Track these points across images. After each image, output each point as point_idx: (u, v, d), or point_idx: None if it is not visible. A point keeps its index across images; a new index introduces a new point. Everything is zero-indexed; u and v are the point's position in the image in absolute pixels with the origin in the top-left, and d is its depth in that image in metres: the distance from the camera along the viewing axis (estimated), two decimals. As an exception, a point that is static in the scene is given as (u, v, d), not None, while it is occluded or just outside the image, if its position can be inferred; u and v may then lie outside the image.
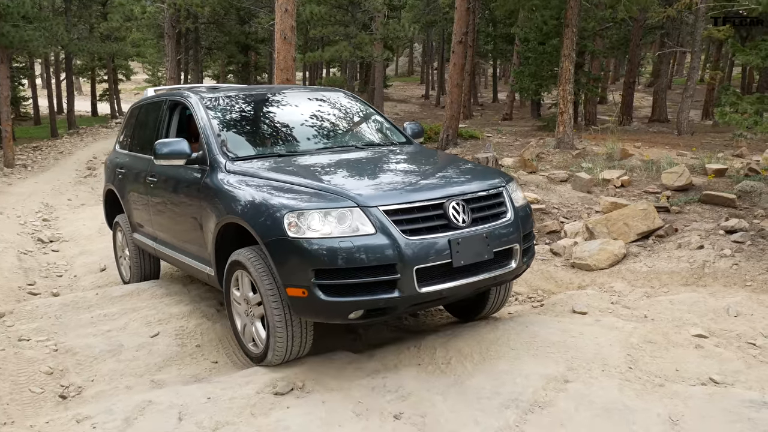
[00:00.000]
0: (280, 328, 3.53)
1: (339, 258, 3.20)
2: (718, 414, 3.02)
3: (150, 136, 5.29)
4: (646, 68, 42.57)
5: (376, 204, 3.34)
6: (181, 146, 4.22)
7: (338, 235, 3.24)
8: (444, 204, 3.48)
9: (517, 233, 3.73)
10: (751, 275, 5.30)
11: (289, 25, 10.12)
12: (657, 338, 3.84)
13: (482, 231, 3.54)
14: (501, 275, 3.65)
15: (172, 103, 5.06)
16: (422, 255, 3.29)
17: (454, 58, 15.89)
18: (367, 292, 3.26)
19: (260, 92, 5.06)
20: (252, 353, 3.87)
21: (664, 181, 8.05)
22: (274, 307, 3.52)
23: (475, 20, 25.09)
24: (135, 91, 48.04)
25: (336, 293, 3.26)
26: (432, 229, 3.39)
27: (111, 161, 6.25)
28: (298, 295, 3.32)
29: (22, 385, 3.85)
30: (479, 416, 3.10)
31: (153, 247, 5.32)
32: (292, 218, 3.30)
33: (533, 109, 25.58)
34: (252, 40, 25.35)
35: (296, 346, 3.64)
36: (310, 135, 4.68)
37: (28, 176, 15.98)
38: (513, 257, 3.72)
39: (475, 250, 3.46)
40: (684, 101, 17.62)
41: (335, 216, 3.30)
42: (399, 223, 3.33)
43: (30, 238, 8.81)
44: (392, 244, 3.24)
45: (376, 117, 5.19)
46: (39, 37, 17.26)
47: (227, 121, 4.58)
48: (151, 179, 5.04)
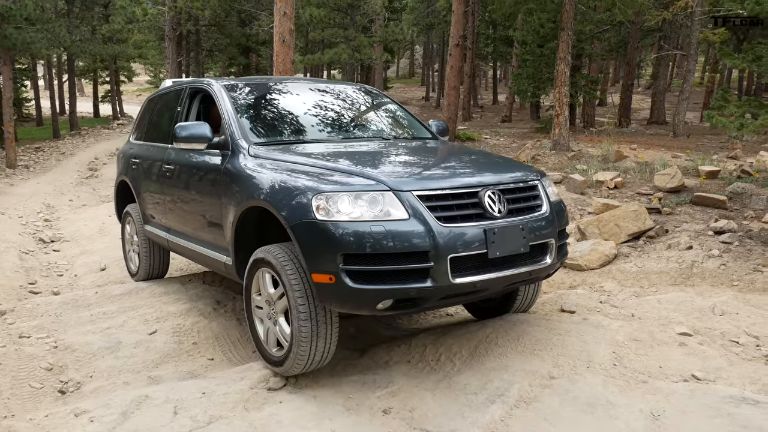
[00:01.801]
0: (305, 330, 3.31)
1: (369, 243, 3.02)
2: (698, 409, 3.10)
3: (168, 125, 5.19)
4: (646, 70, 42.68)
5: (409, 188, 3.19)
6: (203, 129, 4.08)
7: (369, 219, 3.07)
8: (479, 192, 3.33)
9: (552, 228, 3.59)
10: (738, 275, 5.39)
11: (287, 28, 10.23)
12: (642, 336, 3.93)
13: (518, 222, 3.39)
14: (536, 270, 3.49)
15: (193, 91, 4.97)
16: (457, 244, 3.12)
17: (451, 61, 16.01)
18: (398, 281, 3.07)
19: (283, 82, 4.96)
20: (274, 357, 3.59)
21: (657, 182, 8.14)
22: (301, 309, 3.29)
23: (474, 23, 25.21)
24: (137, 93, 48.25)
25: (365, 280, 3.06)
26: (467, 218, 3.24)
27: (124, 153, 6.13)
28: (324, 282, 3.13)
29: (23, 381, 3.94)
30: (466, 411, 3.19)
31: (166, 238, 5.16)
32: (320, 200, 3.14)
33: (532, 111, 25.69)
34: (253, 42, 25.47)
35: (320, 351, 3.41)
36: (335, 124, 4.58)
37: (30, 177, 16.09)
38: (548, 252, 3.58)
39: (511, 241, 3.31)
40: (680, 103, 17.72)
41: (366, 199, 3.13)
42: (433, 209, 3.17)
43: (31, 238, 8.91)
44: (426, 231, 3.08)
45: (402, 112, 5.11)
46: (41, 39, 17.39)
47: (250, 107, 4.48)
48: (168, 167, 4.92)
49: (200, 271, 6.15)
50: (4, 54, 17.10)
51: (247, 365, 3.86)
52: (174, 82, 5.66)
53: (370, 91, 5.27)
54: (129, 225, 6.10)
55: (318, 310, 3.31)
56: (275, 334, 3.57)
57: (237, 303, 5.22)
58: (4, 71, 17.23)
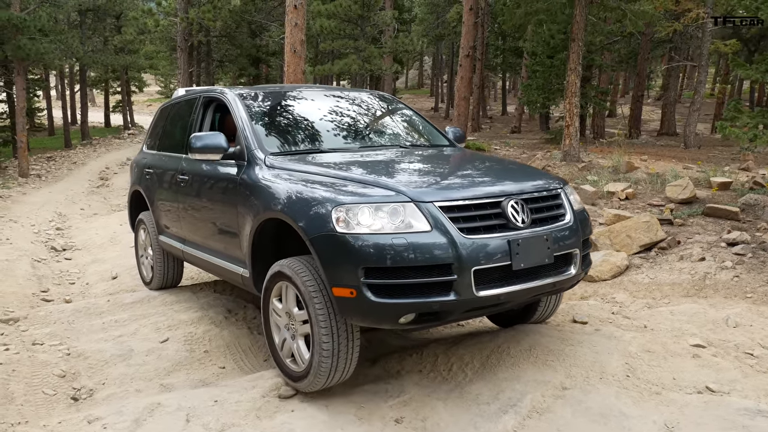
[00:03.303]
0: (326, 346, 3.23)
1: (391, 256, 2.95)
2: (713, 421, 3.07)
3: (181, 135, 5.14)
4: (657, 82, 42.61)
5: (431, 199, 3.12)
6: (218, 139, 4.01)
7: (390, 232, 3.01)
8: (502, 203, 3.26)
9: (577, 237, 3.51)
10: (751, 287, 5.35)
11: (298, 39, 10.30)
12: (655, 347, 3.91)
13: (542, 233, 3.31)
14: (560, 282, 3.41)
15: (207, 100, 4.91)
16: (480, 256, 3.04)
17: (461, 72, 16.06)
18: (421, 294, 3.00)
19: (297, 90, 4.90)
20: (294, 373, 3.52)
21: (669, 194, 8.11)
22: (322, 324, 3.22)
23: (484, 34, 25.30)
24: (147, 103, 48.67)
25: (387, 294, 3.00)
26: (490, 229, 3.16)
27: (138, 162, 6.08)
28: (345, 296, 3.06)
29: (36, 387, 3.96)
30: (478, 421, 3.18)
31: (181, 249, 5.09)
32: (340, 212, 3.07)
33: (542, 122, 25.69)
34: (263, 53, 25.64)
35: (341, 367, 3.33)
36: (351, 133, 4.51)
37: (42, 186, 16.23)
38: (573, 263, 3.49)
39: (535, 252, 3.24)
40: (691, 115, 17.67)
41: (387, 211, 3.06)
42: (455, 220, 3.09)
43: (44, 247, 8.98)
44: (449, 243, 3.00)
45: (418, 119, 5.03)
46: (54, 50, 17.62)
47: (265, 116, 4.41)
48: (182, 178, 4.85)
49: (211, 280, 6.18)
50: (17, 64, 17.32)
51: (258, 374, 3.86)
52: (187, 90, 5.63)
53: (385, 97, 5.20)
54: (142, 233, 6.06)
55: (339, 325, 3.23)
56: (293, 350, 3.52)
57: (248, 311, 5.23)
58: (17, 81, 17.44)
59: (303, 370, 3.41)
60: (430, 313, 3.06)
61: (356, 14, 20.24)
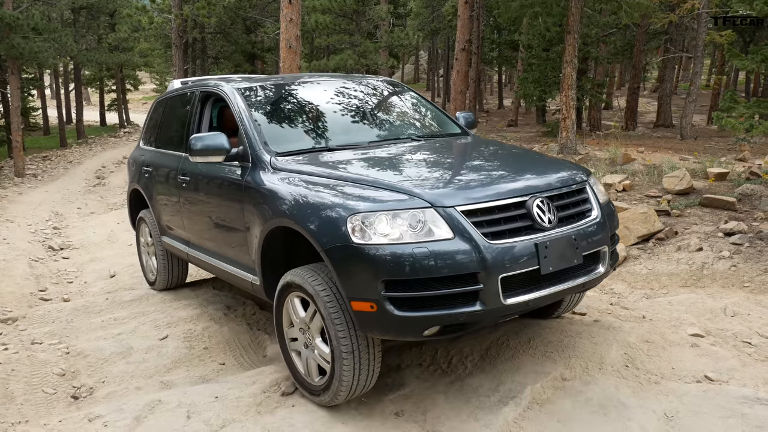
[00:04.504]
0: (347, 362, 3.07)
1: (412, 267, 2.78)
2: (712, 410, 3.09)
3: (179, 131, 4.92)
4: (652, 74, 42.59)
5: (452, 203, 2.92)
6: (219, 141, 3.75)
7: (410, 241, 2.83)
8: (527, 202, 3.07)
9: (605, 233, 3.31)
10: (749, 276, 5.37)
11: (294, 34, 10.28)
12: (654, 338, 3.92)
13: (570, 232, 3.12)
14: (590, 282, 3.26)
15: (204, 94, 4.67)
16: (507, 262, 2.87)
17: (457, 66, 16.05)
18: (445, 306, 2.82)
19: (300, 80, 4.62)
20: (311, 385, 3.37)
21: (666, 185, 8.12)
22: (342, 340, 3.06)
23: (479, 27, 25.25)
24: (143, 101, 48.51)
25: (410, 307, 2.82)
26: (515, 232, 2.97)
27: (135, 159, 5.80)
28: (365, 310, 2.89)
29: (36, 386, 3.97)
30: (479, 413, 3.19)
31: (185, 251, 4.91)
32: (356, 221, 2.88)
33: (538, 115, 25.69)
34: (258, 49, 25.57)
35: (363, 380, 3.18)
36: (360, 126, 4.28)
37: (38, 185, 16.19)
38: (601, 261, 3.31)
39: (563, 254, 3.06)
40: (687, 106, 17.68)
41: (406, 218, 2.88)
42: (479, 225, 2.91)
43: (41, 246, 8.96)
44: (473, 250, 2.82)
45: (427, 105, 4.79)
46: (48, 49, 17.53)
47: (268, 112, 4.16)
48: (183, 178, 4.62)
49: (209, 277, 6.18)
50: (11, 64, 17.26)
51: (258, 369, 3.87)
52: (182, 82, 5.43)
53: (393, 84, 4.94)
54: (144, 231, 5.86)
55: (360, 339, 3.08)
56: (309, 362, 3.36)
57: (247, 308, 5.23)
58: (11, 81, 17.38)
59: (323, 384, 3.26)
60: (455, 324, 2.92)
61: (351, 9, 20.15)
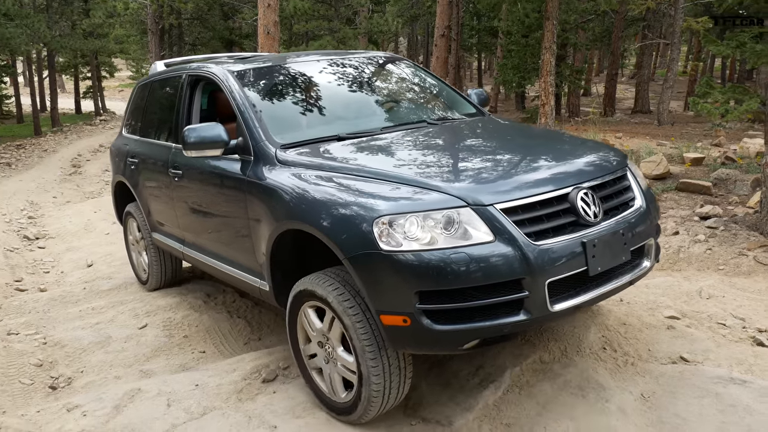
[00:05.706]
0: (377, 380, 2.76)
1: (450, 275, 2.45)
2: (687, 390, 3.15)
3: (168, 119, 4.49)
4: (630, 60, 42.91)
5: (490, 201, 2.57)
6: (216, 132, 3.34)
7: (446, 246, 2.48)
8: (570, 194, 2.73)
9: (650, 224, 3.03)
10: (723, 259, 5.46)
11: (272, 20, 10.17)
12: (631, 320, 3.98)
13: (617, 226, 2.80)
14: (636, 278, 2.97)
15: (193, 79, 4.23)
16: (554, 264, 2.55)
17: (437, 52, 16.02)
18: (487, 317, 2.51)
19: (300, 60, 4.18)
20: (334, 403, 3.08)
21: (643, 170, 8.20)
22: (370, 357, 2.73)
23: (459, 14, 25.19)
24: (119, 88, 47.75)
25: (448, 320, 2.51)
26: (560, 229, 2.65)
27: (119, 149, 5.34)
28: (397, 325, 2.56)
29: (12, 377, 3.92)
30: (459, 397, 3.21)
31: (180, 250, 4.53)
32: (383, 225, 2.53)
33: (517, 102, 25.78)
34: (236, 35, 25.31)
35: (393, 396, 2.89)
36: (369, 110, 3.87)
37: (12, 174, 15.89)
38: (647, 255, 3.04)
39: (612, 251, 2.75)
40: (664, 92, 17.87)
41: (440, 219, 2.53)
42: (521, 224, 2.57)
43: (16, 236, 8.82)
44: (517, 253, 2.49)
45: (438, 84, 4.37)
46: (20, 35, 17.15)
47: (267, 98, 3.76)
48: (175, 172, 4.19)
49: (189, 265, 6.12)
50: (-17, 50, 16.86)
51: (239, 357, 3.86)
52: (167, 64, 5.04)
53: (397, 59, 4.54)
54: (132, 227, 5.48)
55: (390, 357, 2.76)
56: (339, 373, 2.99)
57: (227, 296, 5.21)
58: (-17, 67, 16.99)
59: (349, 401, 2.95)
60: (497, 336, 2.62)
61: (330, -5, 20.04)
